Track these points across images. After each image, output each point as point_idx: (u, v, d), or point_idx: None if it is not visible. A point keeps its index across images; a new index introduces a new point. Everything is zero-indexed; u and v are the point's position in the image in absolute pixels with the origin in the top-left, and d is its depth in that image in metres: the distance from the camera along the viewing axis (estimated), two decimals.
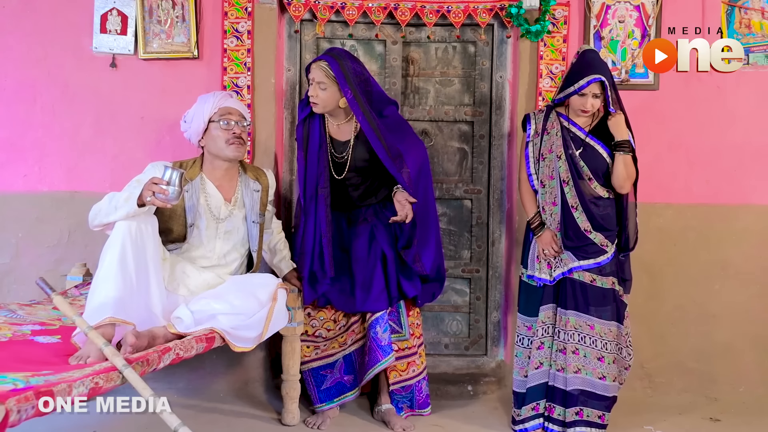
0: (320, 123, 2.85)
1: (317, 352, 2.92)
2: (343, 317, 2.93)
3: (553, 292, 2.78)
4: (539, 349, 2.78)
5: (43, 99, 3.24)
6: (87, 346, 2.00)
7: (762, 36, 3.24)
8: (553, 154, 2.77)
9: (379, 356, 2.81)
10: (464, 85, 3.40)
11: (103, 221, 2.32)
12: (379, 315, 2.83)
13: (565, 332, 2.72)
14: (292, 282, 2.82)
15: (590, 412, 2.70)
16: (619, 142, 2.68)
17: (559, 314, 2.75)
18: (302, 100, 2.93)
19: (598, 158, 2.74)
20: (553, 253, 2.75)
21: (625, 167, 2.67)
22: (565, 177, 2.74)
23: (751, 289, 3.28)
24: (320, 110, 2.77)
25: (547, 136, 2.80)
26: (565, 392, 2.72)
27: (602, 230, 2.73)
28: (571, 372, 2.71)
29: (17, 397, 1.46)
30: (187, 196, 2.59)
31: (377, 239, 2.85)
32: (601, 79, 2.64)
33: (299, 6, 3.20)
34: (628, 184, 2.70)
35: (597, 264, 2.71)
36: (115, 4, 3.18)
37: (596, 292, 2.71)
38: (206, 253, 2.63)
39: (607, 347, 2.71)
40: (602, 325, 2.71)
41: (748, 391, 3.26)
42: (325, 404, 2.90)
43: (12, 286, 3.23)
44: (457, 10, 3.22)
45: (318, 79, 2.72)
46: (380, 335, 2.81)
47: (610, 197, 2.76)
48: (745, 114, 3.29)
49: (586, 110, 2.70)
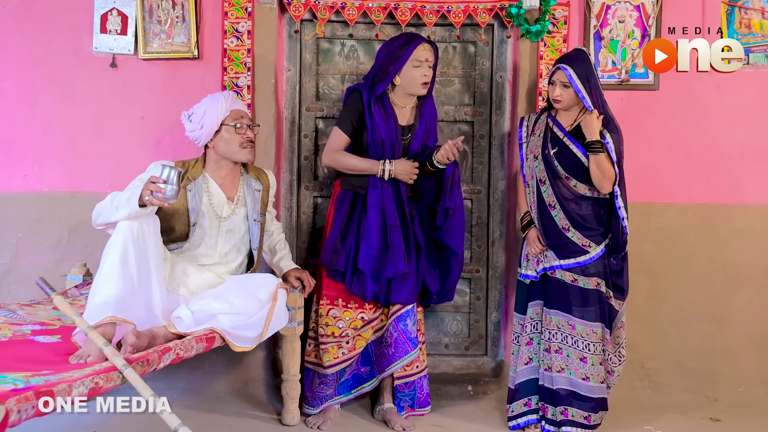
0: (390, 102, 2.86)
1: (344, 352, 2.87)
2: (371, 312, 2.89)
3: (541, 289, 2.80)
4: (528, 345, 2.82)
5: (43, 99, 3.24)
6: (87, 345, 2.00)
7: (762, 36, 3.24)
8: (532, 155, 2.83)
9: (409, 348, 2.86)
10: (464, 85, 3.40)
11: (105, 221, 2.33)
12: (410, 307, 2.87)
13: (549, 331, 2.75)
14: (291, 282, 2.82)
15: (575, 412, 2.71)
16: (590, 143, 2.68)
17: (544, 313, 2.78)
18: (383, 77, 2.84)
19: (572, 157, 2.75)
20: (537, 251, 2.80)
21: (598, 167, 2.67)
22: (541, 176, 2.78)
23: (752, 289, 3.28)
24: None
25: (533, 137, 2.85)
26: (552, 391, 2.74)
27: (582, 229, 2.73)
28: (556, 371, 2.73)
29: (17, 397, 1.47)
30: (190, 195, 2.60)
31: (414, 230, 2.85)
32: (560, 66, 2.70)
33: (299, 6, 3.20)
34: (605, 183, 2.70)
35: (578, 264, 2.72)
36: (115, 4, 3.18)
37: (577, 292, 2.71)
38: (208, 252, 2.64)
39: (590, 348, 2.71)
40: (584, 326, 2.71)
41: (748, 391, 3.25)
42: (342, 396, 2.90)
43: (12, 286, 3.23)
44: (457, 10, 3.22)
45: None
46: (410, 327, 2.87)
47: (594, 196, 2.76)
48: (745, 114, 3.28)
49: (555, 99, 2.75)
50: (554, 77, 2.75)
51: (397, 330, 2.88)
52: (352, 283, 2.80)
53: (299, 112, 3.36)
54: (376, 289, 2.79)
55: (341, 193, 2.89)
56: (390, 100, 2.85)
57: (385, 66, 2.81)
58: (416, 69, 2.79)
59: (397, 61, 2.78)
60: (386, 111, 2.81)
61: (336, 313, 2.87)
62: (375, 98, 2.79)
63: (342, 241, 2.81)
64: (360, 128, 2.84)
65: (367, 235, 2.78)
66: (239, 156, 2.67)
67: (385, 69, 2.80)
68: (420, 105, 2.91)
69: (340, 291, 2.87)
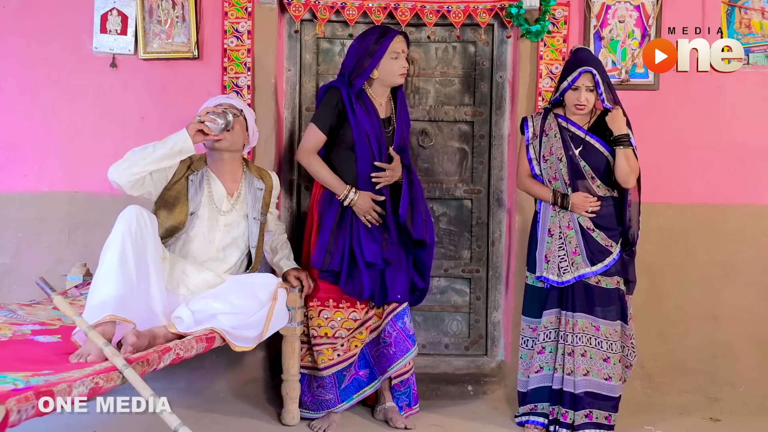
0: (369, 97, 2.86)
1: (339, 354, 2.86)
2: (363, 312, 2.88)
3: (557, 296, 2.77)
4: (540, 354, 2.79)
5: (43, 99, 3.24)
6: (87, 344, 2.00)
7: (762, 36, 3.25)
8: (554, 156, 2.78)
9: (409, 345, 2.88)
10: (464, 85, 3.40)
11: (135, 166, 2.44)
12: (405, 305, 2.90)
13: (573, 335, 2.71)
14: (290, 281, 2.81)
15: (598, 414, 2.70)
16: (618, 137, 2.68)
17: (565, 317, 2.74)
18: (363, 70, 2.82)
19: (599, 156, 2.74)
20: (596, 206, 2.71)
21: (627, 160, 2.68)
22: (567, 179, 2.75)
23: (752, 289, 3.28)
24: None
25: (546, 137, 2.81)
26: (574, 395, 2.71)
27: (603, 229, 2.73)
28: (580, 375, 2.70)
29: (17, 397, 1.46)
30: (191, 184, 2.62)
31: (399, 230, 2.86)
32: (590, 70, 2.66)
33: (299, 6, 3.20)
34: (632, 177, 2.70)
35: (605, 267, 2.71)
36: (115, 4, 3.18)
37: (601, 293, 2.71)
38: (205, 245, 2.64)
39: (612, 348, 2.71)
40: (607, 326, 2.71)
41: (748, 391, 3.25)
42: (345, 403, 2.88)
43: (12, 286, 3.23)
44: (457, 10, 3.22)
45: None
46: (408, 325, 2.90)
47: (611, 196, 2.77)
48: (745, 114, 3.28)
49: (581, 104, 2.70)
50: (578, 82, 2.67)
51: (396, 329, 2.88)
52: (347, 283, 2.79)
53: (299, 112, 3.36)
54: (373, 287, 2.79)
55: (327, 193, 2.84)
56: (368, 95, 2.85)
57: (361, 61, 2.79)
58: (394, 61, 2.79)
59: (374, 55, 2.78)
60: (366, 106, 2.81)
61: (327, 314, 2.86)
62: (355, 95, 2.79)
63: (335, 241, 2.79)
64: (336, 126, 2.82)
65: (367, 232, 2.78)
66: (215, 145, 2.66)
67: (362, 64, 2.79)
68: (393, 97, 2.92)
69: (331, 292, 2.85)
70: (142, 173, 2.47)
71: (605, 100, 2.69)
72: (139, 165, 2.44)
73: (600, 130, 2.75)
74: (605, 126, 2.73)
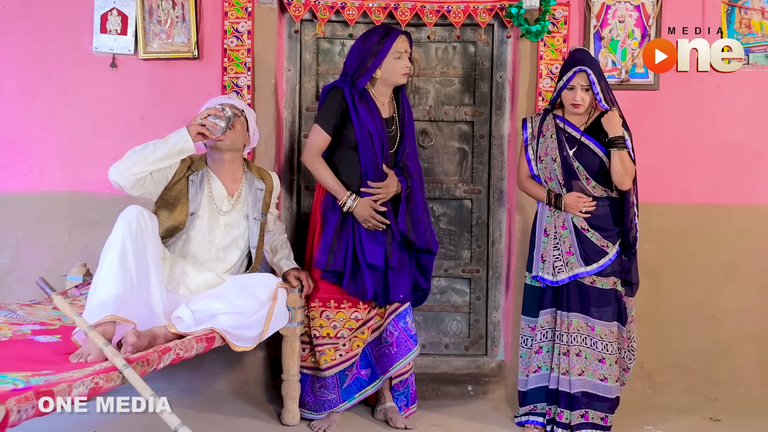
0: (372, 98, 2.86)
1: (341, 354, 2.86)
2: (365, 312, 2.88)
3: (552, 295, 2.78)
4: (537, 353, 2.80)
5: (43, 99, 3.24)
6: (87, 344, 2.00)
7: (762, 36, 3.24)
8: (548, 157, 2.79)
9: (411, 345, 2.89)
10: (464, 85, 3.40)
11: (135, 166, 2.45)
12: (408, 305, 2.90)
13: (568, 335, 2.72)
14: (290, 281, 2.81)
15: (594, 414, 2.70)
16: (613, 139, 2.68)
17: (560, 317, 2.75)
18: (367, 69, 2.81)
19: (593, 157, 2.74)
20: (590, 206, 2.72)
21: (622, 163, 2.68)
22: (562, 179, 2.76)
23: (752, 289, 3.28)
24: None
25: (543, 138, 2.82)
26: (570, 395, 2.72)
27: (599, 230, 2.73)
28: (575, 374, 2.70)
29: (17, 397, 1.46)
30: (192, 184, 2.63)
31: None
32: (585, 69, 2.66)
33: (299, 6, 3.20)
34: (627, 179, 2.70)
35: (601, 267, 2.71)
36: (115, 4, 3.18)
37: (596, 293, 2.71)
38: (205, 245, 2.65)
39: (607, 348, 2.71)
40: (603, 326, 2.71)
41: (748, 391, 3.25)
42: (347, 402, 2.88)
43: (12, 286, 3.23)
44: (457, 10, 3.22)
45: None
46: (410, 325, 2.91)
47: (609, 196, 2.77)
48: (745, 114, 3.28)
49: (576, 104, 2.71)
50: (573, 82, 2.69)
51: (398, 329, 2.88)
52: (350, 283, 2.79)
53: (299, 112, 3.36)
54: (376, 287, 2.79)
55: (331, 194, 2.82)
56: (371, 94, 2.85)
57: (364, 61, 2.79)
58: (397, 61, 2.79)
59: (377, 55, 2.77)
60: (369, 106, 2.81)
61: (329, 315, 2.86)
62: (358, 94, 2.79)
63: (338, 242, 2.79)
64: (340, 126, 2.81)
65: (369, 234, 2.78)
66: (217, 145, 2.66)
67: (365, 63, 2.78)
68: (396, 96, 2.92)
69: (332, 292, 2.85)
70: (143, 173, 2.48)
71: (602, 100, 2.69)
72: (139, 165, 2.45)
73: (597, 131, 2.76)
74: (602, 127, 2.73)
